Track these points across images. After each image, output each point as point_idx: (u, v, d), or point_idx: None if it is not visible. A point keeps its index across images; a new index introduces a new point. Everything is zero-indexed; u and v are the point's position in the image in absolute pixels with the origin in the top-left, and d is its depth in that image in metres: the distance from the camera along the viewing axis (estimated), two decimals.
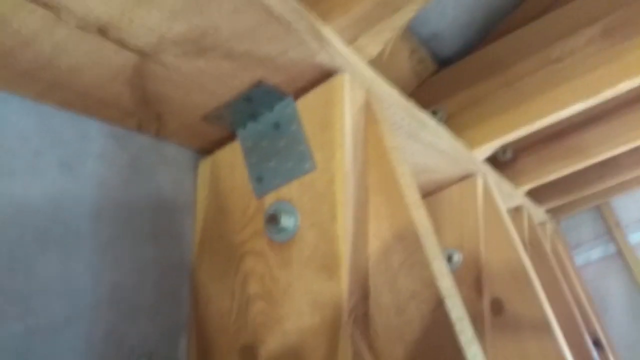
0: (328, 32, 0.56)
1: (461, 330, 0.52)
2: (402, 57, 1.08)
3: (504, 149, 1.47)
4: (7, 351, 0.47)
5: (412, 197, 0.59)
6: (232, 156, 0.68)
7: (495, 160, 1.46)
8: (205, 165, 0.72)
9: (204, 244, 0.69)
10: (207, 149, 0.73)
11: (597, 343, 1.73)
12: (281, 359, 0.56)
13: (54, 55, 0.47)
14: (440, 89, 1.18)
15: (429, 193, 1.13)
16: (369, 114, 0.63)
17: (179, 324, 0.66)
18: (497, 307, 1.01)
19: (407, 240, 0.57)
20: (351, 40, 0.60)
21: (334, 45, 0.55)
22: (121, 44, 0.46)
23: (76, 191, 0.56)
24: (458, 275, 1.05)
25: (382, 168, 0.61)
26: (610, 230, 2.36)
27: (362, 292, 0.57)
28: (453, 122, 1.12)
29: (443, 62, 1.21)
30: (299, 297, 0.56)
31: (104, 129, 0.61)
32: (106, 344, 0.57)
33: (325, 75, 0.59)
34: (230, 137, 0.69)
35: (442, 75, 1.21)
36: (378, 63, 0.68)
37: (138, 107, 0.58)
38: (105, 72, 0.51)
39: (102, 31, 0.44)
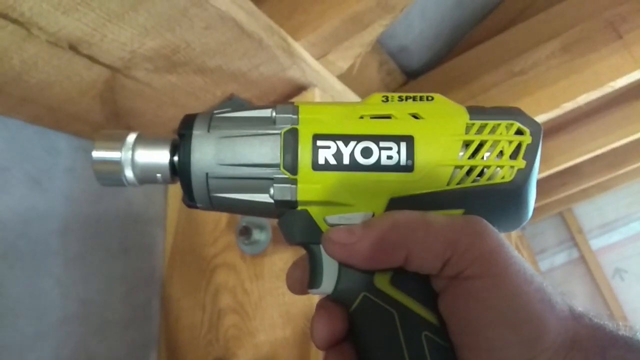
0: (299, 47, 0.57)
1: None
2: (372, 69, 1.09)
3: None
4: None
5: None
6: None
7: None
8: None
9: (174, 258, 0.69)
10: None
11: None
12: None
13: (24, 70, 0.46)
14: None
15: None
16: None
17: (149, 338, 0.65)
18: None
19: None
20: (321, 55, 0.61)
21: (305, 60, 0.56)
22: (93, 59, 0.46)
23: (44, 206, 0.56)
24: None
25: None
26: (573, 236, 2.43)
27: None
28: None
29: (411, 75, 1.23)
30: (270, 309, 0.57)
31: (73, 143, 0.60)
32: None
33: (296, 89, 0.60)
34: None
35: (410, 88, 1.23)
36: (348, 75, 0.69)
37: (108, 120, 0.58)
38: (76, 87, 0.50)
39: (74, 47, 0.44)
